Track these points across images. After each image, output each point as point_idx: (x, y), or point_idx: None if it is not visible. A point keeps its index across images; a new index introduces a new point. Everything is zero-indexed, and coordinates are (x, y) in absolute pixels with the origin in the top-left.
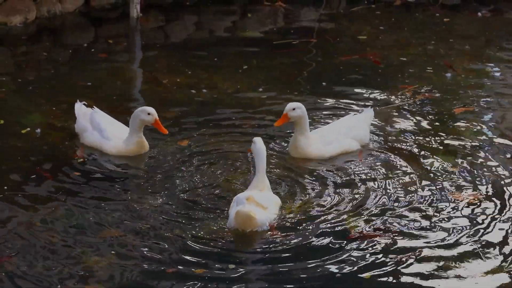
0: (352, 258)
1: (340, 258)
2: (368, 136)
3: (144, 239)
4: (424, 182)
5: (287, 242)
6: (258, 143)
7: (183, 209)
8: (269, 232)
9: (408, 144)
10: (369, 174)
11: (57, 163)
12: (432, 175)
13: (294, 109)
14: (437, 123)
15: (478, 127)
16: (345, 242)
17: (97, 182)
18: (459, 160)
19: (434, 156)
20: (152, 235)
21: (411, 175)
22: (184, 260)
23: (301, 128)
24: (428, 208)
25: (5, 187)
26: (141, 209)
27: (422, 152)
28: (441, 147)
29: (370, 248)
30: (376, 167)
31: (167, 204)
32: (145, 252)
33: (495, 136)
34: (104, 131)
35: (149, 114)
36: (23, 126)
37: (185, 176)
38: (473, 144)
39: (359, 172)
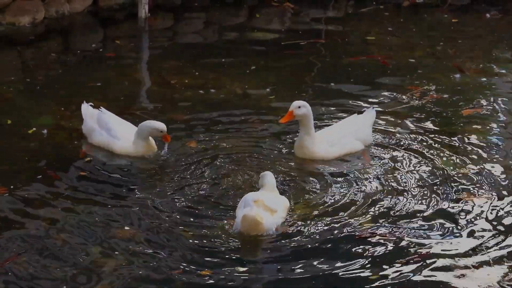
0: (360, 258)
1: (348, 259)
2: (371, 136)
3: (150, 239)
4: (432, 184)
5: (295, 243)
6: (268, 177)
7: (191, 210)
8: (276, 234)
9: (416, 145)
10: (376, 175)
11: (64, 163)
12: (440, 176)
13: (299, 107)
14: (445, 124)
15: (487, 128)
16: (353, 243)
17: (104, 182)
18: (468, 162)
19: (443, 158)
20: (159, 236)
21: (419, 177)
22: (191, 261)
23: (306, 128)
24: (436, 210)
25: (12, 187)
26: (148, 210)
27: (430, 154)
28: (449, 149)
29: (378, 249)
30: (384, 168)
31: (174, 205)
32: (151, 252)
33: (504, 137)
34: (112, 131)
35: (161, 132)
36: (30, 126)
37: (193, 177)
38: (482, 145)
39: (366, 173)
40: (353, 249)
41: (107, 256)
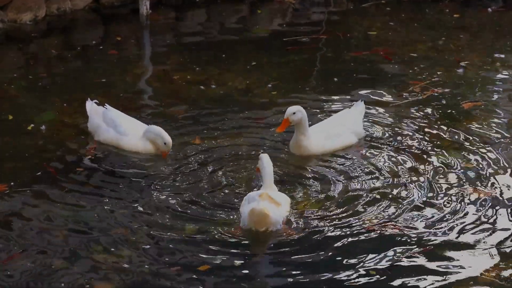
0: (364, 253)
1: (353, 255)
2: (362, 129)
3: (151, 236)
4: (433, 177)
5: (296, 239)
6: (265, 160)
7: (191, 206)
8: (283, 232)
9: (418, 139)
10: (377, 169)
11: (66, 160)
12: (442, 170)
13: (294, 113)
14: (447, 118)
15: (488, 122)
16: (357, 237)
17: (107, 179)
18: (469, 155)
19: (444, 151)
20: (159, 232)
21: (421, 170)
22: (191, 258)
23: (301, 129)
24: (439, 203)
25: (12, 183)
26: (149, 207)
27: (432, 147)
28: (451, 142)
29: (381, 244)
30: (385, 162)
31: (175, 201)
32: (151, 249)
33: (505, 131)
34: (120, 127)
35: (165, 143)
36: (31, 123)
37: (195, 173)
38: (484, 139)
39: (365, 167)
40: (357, 244)
41: (107, 253)
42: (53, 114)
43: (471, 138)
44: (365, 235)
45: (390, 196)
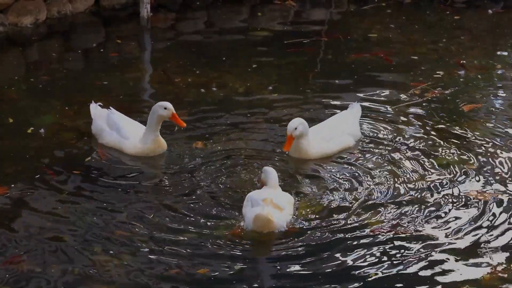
0: (366, 255)
1: (355, 258)
2: (359, 131)
3: (150, 239)
4: (434, 179)
5: (298, 242)
6: (269, 172)
7: (192, 210)
8: (285, 235)
9: (418, 141)
10: (378, 172)
11: (66, 163)
12: (442, 172)
13: (296, 128)
14: (448, 121)
15: (489, 124)
16: (359, 240)
17: (106, 182)
18: (470, 157)
19: (446, 154)
20: (159, 235)
21: (421, 172)
22: (190, 260)
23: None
24: (439, 205)
25: (12, 185)
26: (149, 209)
27: (432, 149)
28: (452, 145)
29: (383, 246)
30: (385, 164)
31: (175, 204)
32: (150, 251)
33: (505, 133)
34: (122, 131)
35: (165, 108)
36: (31, 126)
37: (195, 176)
38: (484, 141)
39: (366, 169)
40: (360, 247)
41: (107, 255)
42: (53, 117)
43: (471, 140)
44: (367, 237)
45: (391, 198)
